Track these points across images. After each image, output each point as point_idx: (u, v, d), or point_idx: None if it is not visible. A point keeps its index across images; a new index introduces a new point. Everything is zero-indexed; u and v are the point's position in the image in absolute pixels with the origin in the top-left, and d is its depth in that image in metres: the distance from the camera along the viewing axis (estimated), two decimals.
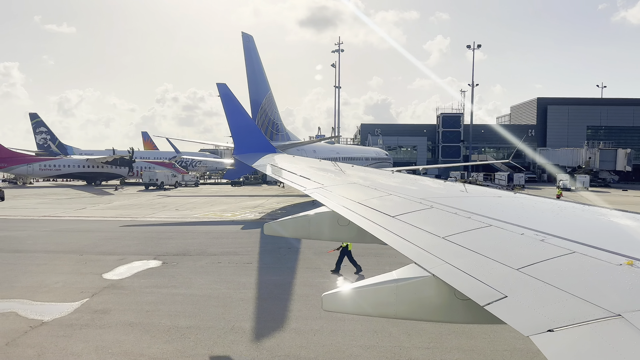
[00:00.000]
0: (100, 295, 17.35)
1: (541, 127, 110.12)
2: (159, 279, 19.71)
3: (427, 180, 12.43)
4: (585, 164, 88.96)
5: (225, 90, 16.81)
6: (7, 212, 40.97)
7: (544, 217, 5.89)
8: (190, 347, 12.79)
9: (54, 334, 13.55)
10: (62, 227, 32.71)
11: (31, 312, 15.42)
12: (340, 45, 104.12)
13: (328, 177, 11.29)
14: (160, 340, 13.21)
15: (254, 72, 45.32)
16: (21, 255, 23.98)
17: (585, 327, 2.73)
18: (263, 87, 46.65)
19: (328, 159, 57.95)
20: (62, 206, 45.88)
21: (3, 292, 17.53)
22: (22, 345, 12.80)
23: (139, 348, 12.72)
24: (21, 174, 74.26)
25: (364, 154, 73.17)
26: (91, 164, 76.41)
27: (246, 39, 44.80)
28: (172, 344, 12.98)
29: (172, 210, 43.30)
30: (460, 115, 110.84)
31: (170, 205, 47.79)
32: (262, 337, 13.57)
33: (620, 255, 3.66)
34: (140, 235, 29.77)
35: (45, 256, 23.70)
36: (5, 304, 16.20)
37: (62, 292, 17.75)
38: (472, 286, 3.69)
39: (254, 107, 45.91)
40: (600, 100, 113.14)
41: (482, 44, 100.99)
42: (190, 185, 76.52)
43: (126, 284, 18.85)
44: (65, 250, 25.31)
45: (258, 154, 15.89)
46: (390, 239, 5.36)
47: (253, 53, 45.20)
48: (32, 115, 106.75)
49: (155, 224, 35.21)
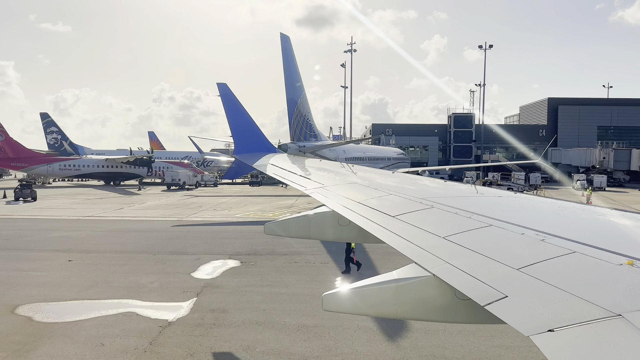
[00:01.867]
0: (205, 294, 17.43)
1: (552, 127, 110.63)
2: (250, 278, 19.81)
3: (426, 180, 12.32)
4: (600, 164, 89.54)
5: (226, 90, 16.95)
6: (48, 213, 40.88)
7: (544, 217, 5.89)
8: (332, 346, 12.92)
9: (190, 334, 13.64)
10: (115, 227, 32.70)
11: (149, 312, 15.49)
12: (352, 45, 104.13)
13: (328, 177, 11.27)
14: (298, 339, 13.33)
15: (290, 72, 45.40)
16: (95, 255, 23.99)
17: (585, 327, 2.71)
18: (298, 88, 46.76)
19: (355, 158, 58.20)
20: (98, 206, 45.79)
21: (107, 292, 17.60)
22: (166, 344, 12.89)
23: (283, 346, 12.84)
24: (41, 174, 73.97)
25: (386, 154, 73.48)
26: (110, 164, 76.20)
27: (284, 40, 44.92)
28: (312, 342, 13.10)
29: (210, 210, 43.34)
30: (472, 115, 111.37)
31: (206, 205, 47.80)
32: (394, 336, 13.68)
33: (620, 255, 3.64)
34: (200, 235, 29.84)
35: (120, 256, 23.74)
36: (120, 304, 16.27)
37: (163, 291, 17.82)
38: (473, 286, 3.69)
39: (290, 106, 46.02)
40: (610, 100, 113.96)
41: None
42: (210, 185, 76.45)
43: (222, 283, 18.94)
44: (134, 250, 25.33)
45: (258, 154, 16.01)
46: (390, 238, 5.34)
47: (290, 53, 45.29)
48: (42, 115, 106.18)
49: (206, 223, 35.26)
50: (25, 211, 41.55)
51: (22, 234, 29.74)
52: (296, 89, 46.42)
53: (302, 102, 47.67)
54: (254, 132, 17.39)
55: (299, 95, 47.16)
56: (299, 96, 46.95)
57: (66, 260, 22.64)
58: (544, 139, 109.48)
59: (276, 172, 12.53)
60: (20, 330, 13.73)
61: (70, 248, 25.49)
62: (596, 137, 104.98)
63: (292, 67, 45.95)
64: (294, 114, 46.42)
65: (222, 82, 17.09)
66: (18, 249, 25.26)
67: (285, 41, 44.90)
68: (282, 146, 44.21)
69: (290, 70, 45.63)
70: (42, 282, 18.76)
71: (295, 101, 46.36)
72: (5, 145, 70.24)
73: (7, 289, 17.85)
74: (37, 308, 15.70)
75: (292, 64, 45.95)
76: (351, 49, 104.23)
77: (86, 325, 14.17)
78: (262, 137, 17.67)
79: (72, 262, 22.23)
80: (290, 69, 45.49)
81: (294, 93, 46.28)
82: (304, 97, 48.14)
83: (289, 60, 45.28)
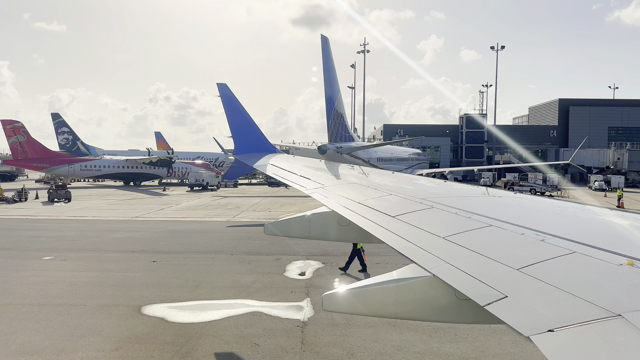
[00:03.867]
0: (315, 295, 17.53)
1: (563, 128, 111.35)
2: (343, 278, 19.94)
3: (426, 180, 12.33)
4: (614, 164, 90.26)
5: (225, 90, 17.05)
6: (92, 213, 40.81)
7: (544, 217, 5.89)
8: (492, 345, 12.99)
9: (332, 333, 13.70)
10: (172, 228, 32.69)
11: (277, 312, 15.50)
12: (365, 46, 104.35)
13: (328, 177, 11.29)
14: (444, 339, 13.42)
15: (329, 73, 45.63)
16: (174, 256, 23.98)
17: (585, 327, 2.71)
18: (336, 89, 46.97)
19: (384, 159, 58.51)
20: (137, 207, 45.72)
21: (218, 293, 17.64)
22: (320, 344, 12.96)
23: (432, 347, 12.94)
24: (62, 175, 73.68)
25: (410, 155, 74.24)
26: (131, 164, 76.10)
27: (324, 41, 45.13)
28: (460, 343, 13.23)
29: (251, 211, 43.36)
30: (484, 115, 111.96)
31: (243, 206, 47.83)
32: None
33: (620, 255, 3.63)
34: (261, 236, 29.77)
35: (201, 257, 23.75)
36: (241, 304, 16.33)
37: (271, 291, 17.86)
38: (473, 286, 3.68)
39: (328, 107, 46.22)
40: (620, 101, 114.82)
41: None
42: (230, 185, 76.52)
43: (321, 284, 19.04)
44: (209, 250, 25.33)
45: (259, 154, 16.10)
46: (390, 239, 5.31)
47: (329, 54, 45.50)
48: (54, 115, 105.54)
49: (257, 224, 35.28)
50: (69, 212, 41.40)
51: (84, 235, 29.68)
52: (334, 89, 46.61)
53: (339, 103, 47.87)
54: (254, 132, 17.49)
55: (337, 96, 47.35)
56: (336, 97, 47.14)
57: (150, 261, 22.64)
58: (554, 139, 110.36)
59: (276, 172, 12.54)
60: (163, 331, 13.75)
61: (144, 249, 25.49)
62: (607, 138, 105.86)
63: (331, 68, 46.15)
64: (332, 115, 46.60)
65: (222, 83, 17.19)
66: (93, 250, 25.22)
67: (324, 42, 45.10)
68: (321, 147, 44.44)
69: (329, 70, 45.83)
70: (144, 283, 18.75)
71: (333, 102, 46.56)
72: (27, 145, 69.97)
73: (115, 290, 17.84)
74: (162, 309, 15.73)
75: (331, 65, 46.15)
76: (364, 49, 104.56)
77: (225, 325, 14.22)
78: (263, 138, 17.80)
79: (157, 263, 22.25)
80: (329, 70, 45.70)
81: (332, 93, 46.47)
82: (340, 98, 48.34)
83: (328, 60, 45.48)
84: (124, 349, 12.41)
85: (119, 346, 12.59)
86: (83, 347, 12.53)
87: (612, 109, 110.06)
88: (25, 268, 21.09)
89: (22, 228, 32.83)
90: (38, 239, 28.03)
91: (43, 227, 32.92)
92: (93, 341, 12.90)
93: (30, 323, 14.22)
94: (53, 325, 14.11)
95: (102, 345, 12.67)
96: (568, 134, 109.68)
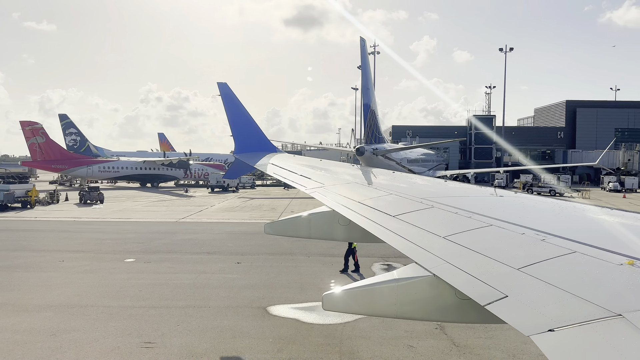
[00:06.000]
0: None
1: (570, 130, 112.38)
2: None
3: (426, 180, 12.52)
4: (624, 165, 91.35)
5: (226, 89, 17.09)
6: (133, 215, 40.64)
7: (544, 216, 5.86)
8: None
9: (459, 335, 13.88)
10: (226, 230, 32.60)
11: None
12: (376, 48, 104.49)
13: (329, 177, 11.27)
14: None
15: (367, 74, 45.78)
16: (252, 257, 23.90)
17: (586, 326, 2.71)
18: (372, 90, 47.10)
19: (411, 160, 58.74)
20: (172, 209, 45.53)
21: (308, 294, 17.69)
22: (471, 346, 13.12)
23: None
24: (81, 176, 73.27)
25: (431, 156, 74.92)
26: (148, 165, 75.76)
27: (362, 43, 45.22)
28: None
29: (288, 212, 43.31)
30: (493, 117, 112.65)
31: (278, 207, 47.82)
32: None
33: (621, 255, 3.62)
34: None
35: (280, 258, 23.74)
36: None
37: None
38: (473, 286, 3.67)
39: (365, 108, 46.34)
40: (627, 103, 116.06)
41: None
42: (247, 187, 76.34)
43: None
44: (277, 252, 25.09)
45: (259, 154, 16.13)
46: (390, 238, 5.30)
47: (366, 56, 45.66)
48: (61, 116, 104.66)
49: None
50: (111, 214, 41.11)
51: (146, 237, 29.51)
52: (370, 90, 46.74)
53: (374, 105, 47.99)
54: (255, 131, 17.50)
55: (372, 97, 47.48)
56: (371, 99, 47.26)
57: (233, 262, 22.64)
58: (561, 140, 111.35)
59: (276, 172, 12.52)
60: (308, 332, 13.79)
61: (217, 251, 25.47)
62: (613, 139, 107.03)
63: (368, 70, 46.28)
64: (368, 117, 46.70)
65: (222, 82, 17.21)
66: (167, 252, 25.12)
67: (363, 44, 45.21)
68: (360, 149, 44.46)
69: (367, 72, 45.97)
70: (247, 284, 18.74)
71: (369, 104, 46.66)
72: (46, 147, 69.41)
73: (226, 291, 17.82)
74: (287, 310, 15.76)
75: (367, 65, 46.29)
76: (374, 51, 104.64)
77: (363, 327, 14.28)
78: (263, 137, 17.84)
79: (242, 265, 22.24)
80: (366, 72, 45.82)
81: (369, 95, 46.60)
82: (374, 100, 48.47)
83: (366, 63, 45.63)
84: (286, 351, 12.45)
85: (280, 348, 12.62)
86: (243, 349, 12.55)
87: (618, 110, 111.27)
88: (115, 270, 21.00)
89: (78, 230, 32.65)
90: (104, 241, 27.86)
91: (98, 230, 32.74)
92: (248, 343, 12.92)
93: (170, 325, 14.19)
94: (194, 327, 14.08)
95: (261, 346, 12.70)
96: (575, 135, 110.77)
